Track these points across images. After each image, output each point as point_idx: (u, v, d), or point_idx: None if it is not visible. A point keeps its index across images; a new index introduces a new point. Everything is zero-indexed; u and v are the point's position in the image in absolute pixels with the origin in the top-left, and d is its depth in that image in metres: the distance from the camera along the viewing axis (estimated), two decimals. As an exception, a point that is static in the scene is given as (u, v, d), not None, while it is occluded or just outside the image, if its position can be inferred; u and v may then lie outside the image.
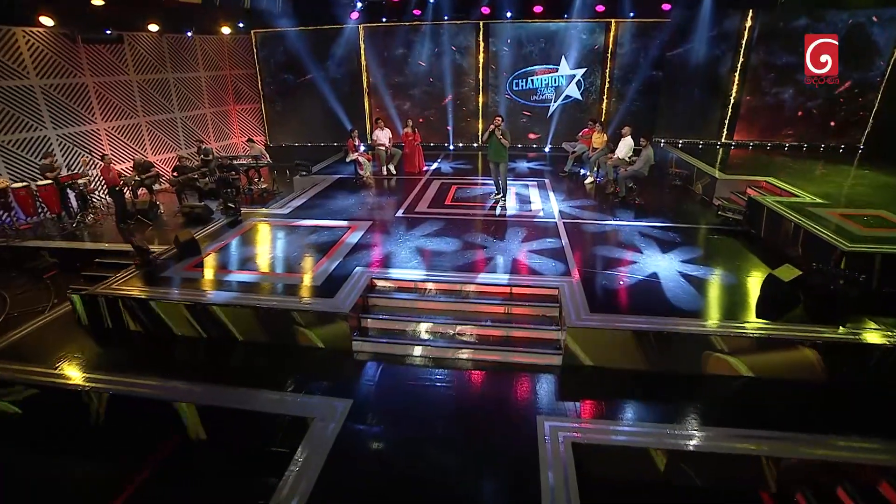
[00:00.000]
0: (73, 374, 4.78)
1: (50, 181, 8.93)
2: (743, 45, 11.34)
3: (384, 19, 12.89)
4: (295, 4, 12.12)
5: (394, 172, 11.37)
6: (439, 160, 12.80)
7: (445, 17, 12.64)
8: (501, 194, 8.96)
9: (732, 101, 11.81)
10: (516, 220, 8.07)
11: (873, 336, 4.60)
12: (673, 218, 8.10)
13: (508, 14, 12.40)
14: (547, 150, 13.86)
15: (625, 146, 9.51)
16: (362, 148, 11.44)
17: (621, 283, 5.75)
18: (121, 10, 10.28)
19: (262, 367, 4.99)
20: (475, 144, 14.14)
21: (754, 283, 5.67)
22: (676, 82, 12.57)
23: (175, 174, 10.49)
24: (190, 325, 5.36)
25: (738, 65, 11.50)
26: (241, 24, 13.34)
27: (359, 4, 12.02)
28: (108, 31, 11.07)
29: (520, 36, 13.06)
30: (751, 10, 10.96)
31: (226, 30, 13.20)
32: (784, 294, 4.97)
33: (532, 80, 13.43)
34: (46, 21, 9.39)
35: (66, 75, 10.46)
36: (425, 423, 4.21)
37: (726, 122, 12.05)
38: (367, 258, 6.48)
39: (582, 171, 11.11)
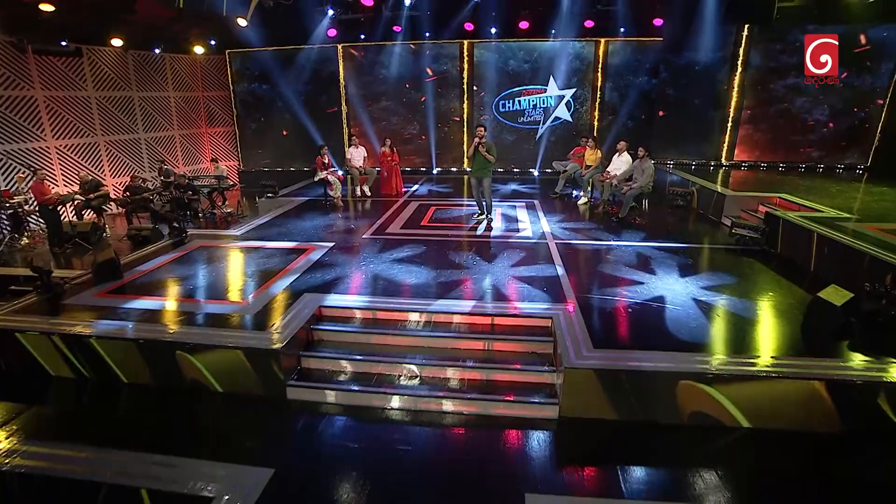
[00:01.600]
0: None
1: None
2: (740, 58, 10.84)
3: (362, 36, 12.28)
4: (270, 23, 11.49)
5: (368, 194, 10.39)
6: (420, 183, 11.90)
7: (427, 34, 12.04)
8: (485, 214, 7.99)
9: (731, 117, 11.21)
10: (501, 240, 7.03)
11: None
12: (680, 238, 7.15)
13: (493, 30, 11.83)
14: (536, 173, 13.06)
15: (619, 162, 8.69)
16: (340, 173, 10.50)
17: (629, 311, 4.68)
18: (79, 21, 9.50)
19: (150, 422, 3.82)
20: (465, 167, 13.28)
21: (790, 309, 4.64)
22: (672, 99, 11.95)
23: (127, 194, 9.49)
24: (67, 364, 4.15)
25: (736, 77, 10.98)
26: (212, 42, 12.67)
27: (330, 12, 11.40)
28: (65, 44, 10.28)
29: (505, 55, 12.48)
30: (746, 25, 10.49)
31: (198, 49, 12.53)
32: (837, 320, 3.93)
33: (519, 101, 12.78)
34: (-12, 27, 8.58)
35: (10, 87, 9.53)
36: (370, 505, 3.01)
37: (725, 139, 11.42)
38: (319, 283, 5.38)
39: (574, 193, 10.23)
